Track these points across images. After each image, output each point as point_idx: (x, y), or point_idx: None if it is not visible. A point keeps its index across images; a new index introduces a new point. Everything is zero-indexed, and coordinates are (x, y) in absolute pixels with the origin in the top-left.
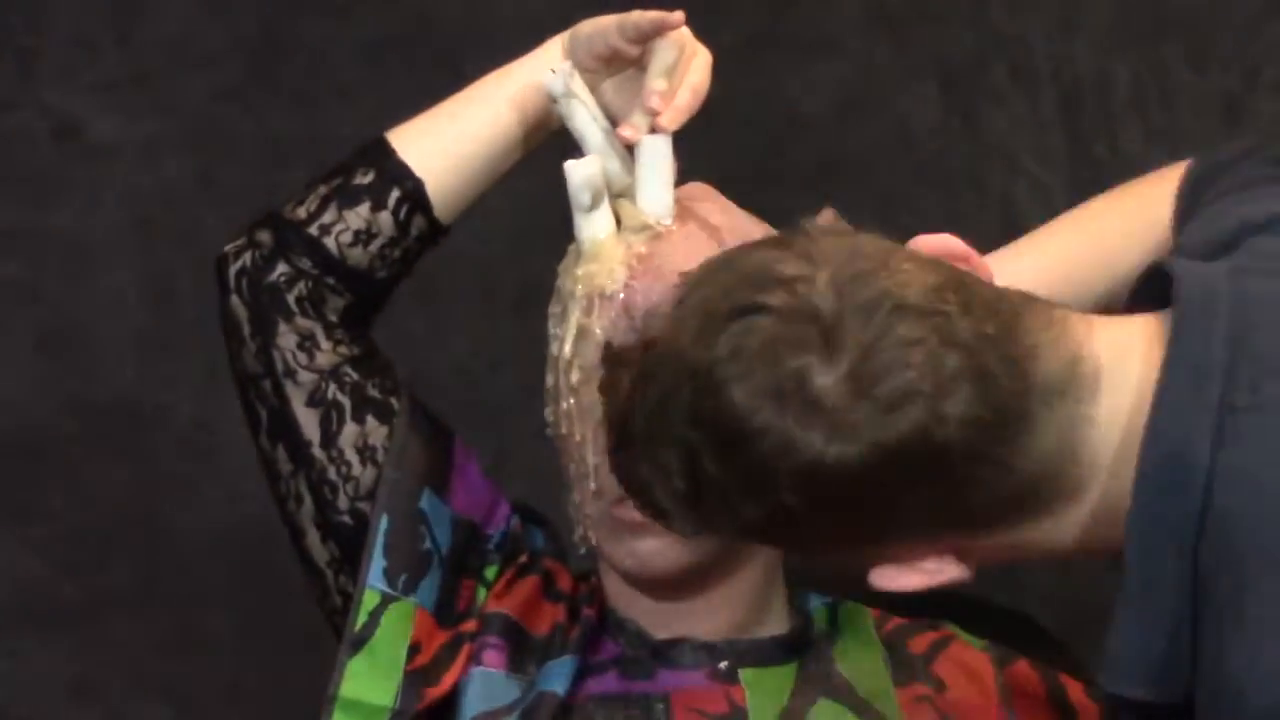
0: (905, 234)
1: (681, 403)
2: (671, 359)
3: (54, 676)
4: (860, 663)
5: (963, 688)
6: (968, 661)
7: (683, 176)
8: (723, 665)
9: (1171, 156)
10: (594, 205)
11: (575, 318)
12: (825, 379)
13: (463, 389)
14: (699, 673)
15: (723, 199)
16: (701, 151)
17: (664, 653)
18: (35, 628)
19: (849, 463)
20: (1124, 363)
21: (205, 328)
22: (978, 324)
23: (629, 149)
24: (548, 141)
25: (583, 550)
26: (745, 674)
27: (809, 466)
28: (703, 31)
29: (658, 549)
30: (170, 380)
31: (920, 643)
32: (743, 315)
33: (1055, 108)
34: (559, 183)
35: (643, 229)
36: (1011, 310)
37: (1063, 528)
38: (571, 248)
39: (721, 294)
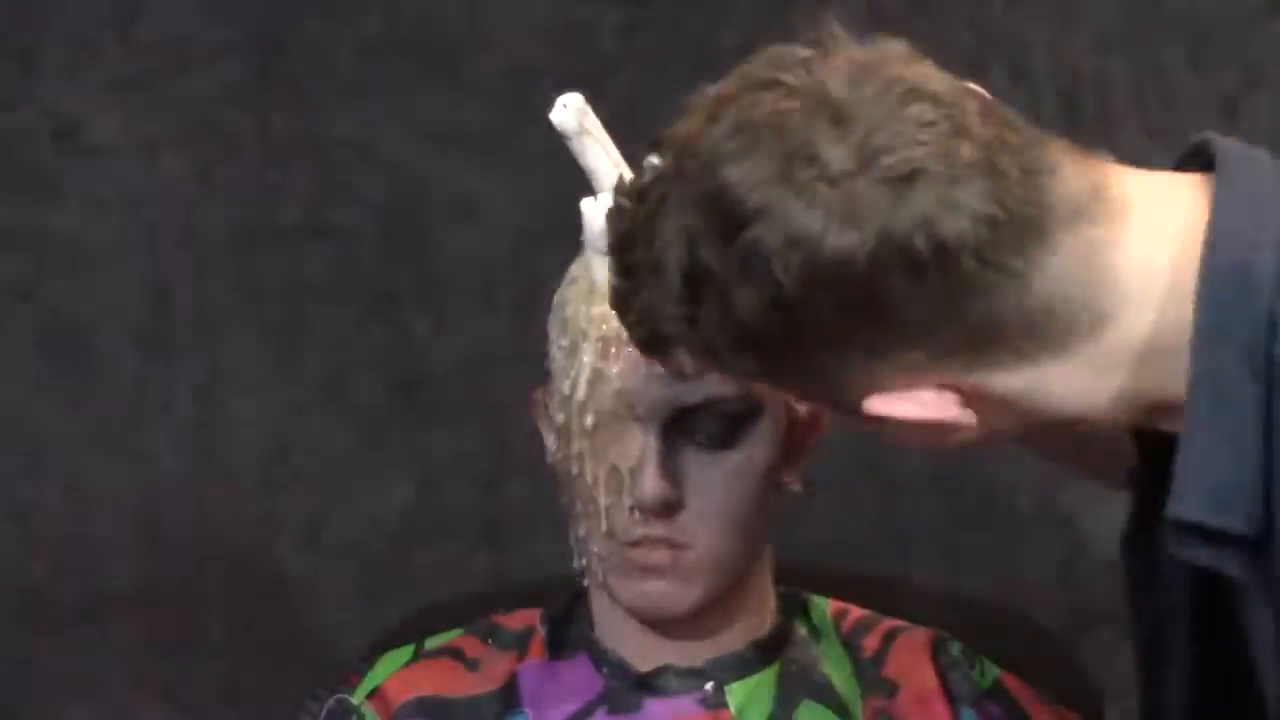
0: None
1: (683, 188)
2: (677, 145)
3: (54, 676)
4: (839, 666)
5: (911, 683)
6: (912, 650)
7: None
8: (709, 687)
9: (1171, 156)
10: None
11: (590, 360)
12: (830, 152)
13: (463, 389)
14: (688, 699)
15: None
16: None
17: (649, 683)
18: (35, 628)
19: (850, 249)
20: (1156, 198)
21: (205, 328)
22: (997, 128)
23: None
24: (547, 142)
25: (585, 582)
26: (731, 690)
27: (809, 250)
28: (703, 31)
29: (669, 591)
30: (170, 380)
31: (872, 641)
32: (751, 91)
33: (1055, 108)
34: (559, 183)
35: None
36: (1035, 134)
37: (1082, 374)
38: (577, 274)
39: (733, 79)
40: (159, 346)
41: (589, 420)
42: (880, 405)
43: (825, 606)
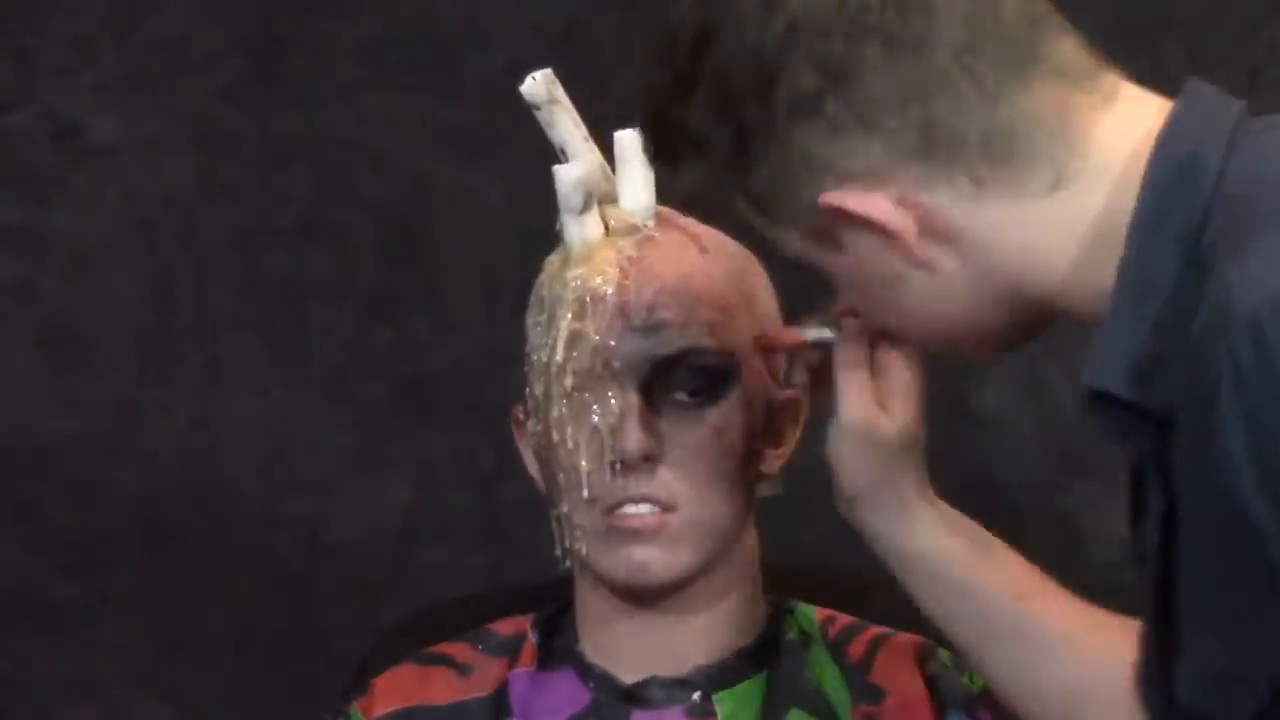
0: None
1: None
2: None
3: (54, 676)
4: (827, 673)
5: (897, 689)
6: (899, 656)
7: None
8: (695, 697)
9: None
10: (585, 208)
11: (566, 322)
12: None
13: (463, 389)
14: (675, 710)
15: (686, 216)
16: None
17: (635, 694)
18: (35, 628)
19: (835, 3)
20: (1143, 101)
21: (205, 328)
22: None
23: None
24: (547, 142)
25: (566, 565)
26: (719, 699)
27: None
28: None
29: (652, 556)
30: (170, 380)
31: (858, 648)
32: None
33: None
34: None
35: (631, 231)
36: (1056, 19)
37: (1032, 228)
38: (553, 257)
39: None
40: (159, 346)
41: (568, 381)
42: (836, 197)
43: (812, 613)
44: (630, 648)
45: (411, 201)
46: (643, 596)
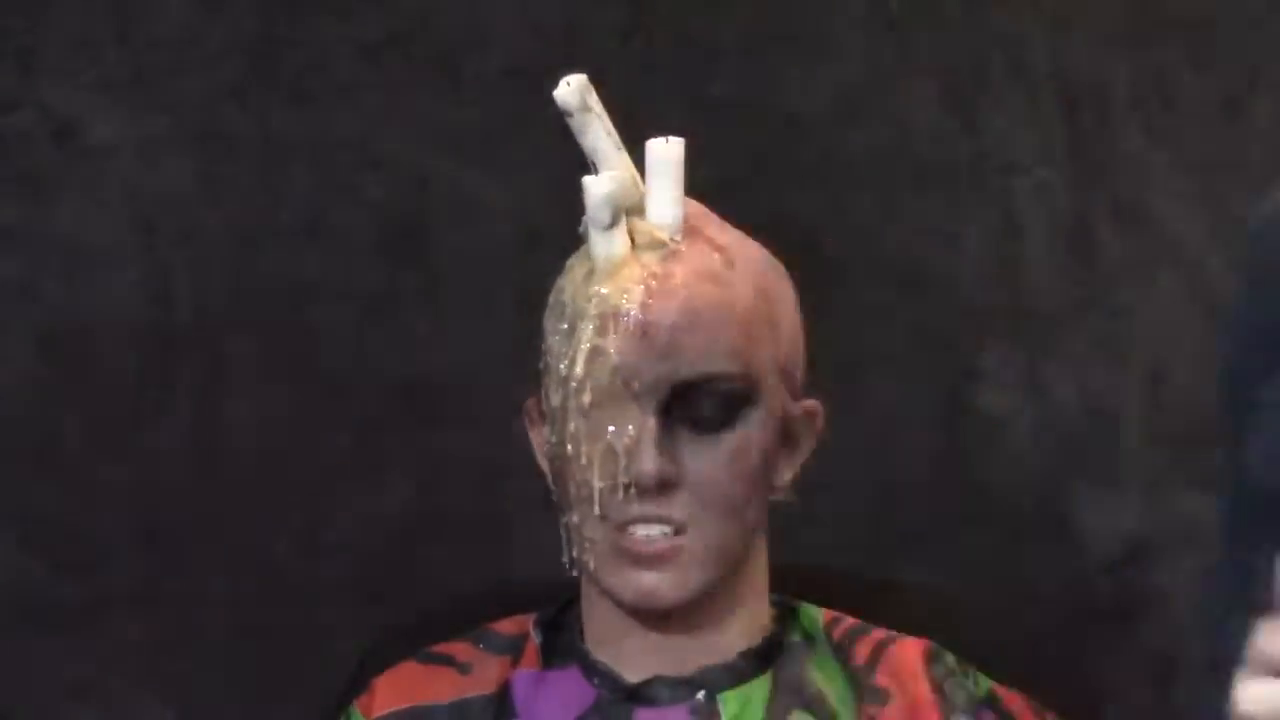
0: (906, 234)
1: None
2: None
3: (54, 676)
4: (831, 675)
5: (904, 692)
6: (905, 660)
7: (685, 180)
8: (700, 696)
9: (1171, 156)
10: (613, 223)
11: (588, 337)
12: None
13: (463, 389)
14: (679, 709)
15: (716, 217)
16: (701, 151)
17: (640, 693)
18: (35, 628)
19: None
20: None
21: (205, 328)
22: None
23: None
24: (547, 142)
25: (574, 572)
26: (724, 699)
27: None
28: (703, 31)
29: (660, 582)
30: (170, 380)
31: (863, 650)
32: None
33: (1055, 108)
34: (560, 183)
35: (657, 246)
36: None
37: None
38: (575, 262)
39: None
40: (159, 346)
41: (586, 399)
42: None
43: (817, 615)
44: (636, 648)
45: (411, 201)
46: (646, 617)
